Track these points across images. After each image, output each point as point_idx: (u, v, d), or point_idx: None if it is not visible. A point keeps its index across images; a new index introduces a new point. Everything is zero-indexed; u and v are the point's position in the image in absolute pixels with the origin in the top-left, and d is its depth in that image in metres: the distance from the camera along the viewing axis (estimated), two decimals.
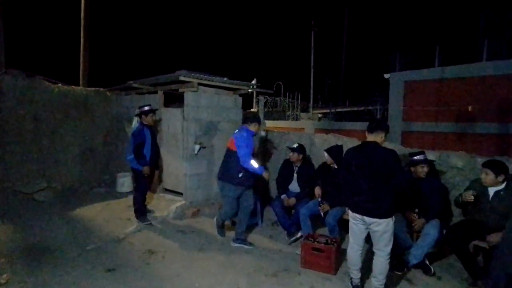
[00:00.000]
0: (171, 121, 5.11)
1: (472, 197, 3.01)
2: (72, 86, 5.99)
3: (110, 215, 4.47)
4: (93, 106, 6.00)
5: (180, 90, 4.89)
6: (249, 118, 3.74)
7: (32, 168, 5.24)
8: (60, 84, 5.77)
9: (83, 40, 8.75)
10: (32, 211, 4.52)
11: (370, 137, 2.73)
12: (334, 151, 3.97)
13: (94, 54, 9.37)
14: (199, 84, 4.79)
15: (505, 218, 2.90)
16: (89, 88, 6.22)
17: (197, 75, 4.68)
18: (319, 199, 3.85)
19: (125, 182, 5.63)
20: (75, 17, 8.92)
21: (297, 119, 18.76)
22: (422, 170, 3.35)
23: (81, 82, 8.63)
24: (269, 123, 12.39)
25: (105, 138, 6.20)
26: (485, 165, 3.03)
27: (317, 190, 3.93)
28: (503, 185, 2.97)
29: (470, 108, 10.39)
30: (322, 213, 3.78)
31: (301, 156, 4.23)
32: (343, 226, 3.91)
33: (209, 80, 4.84)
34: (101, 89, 6.21)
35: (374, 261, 2.74)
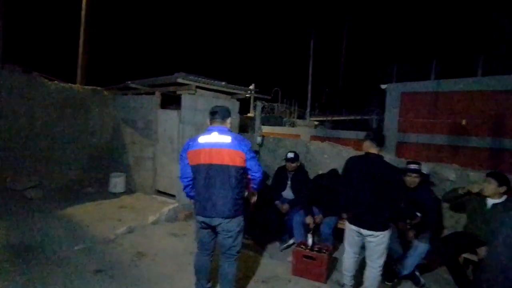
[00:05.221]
0: (167, 123, 5.10)
1: (477, 189, 3.06)
2: (69, 84, 5.95)
3: (101, 216, 4.41)
4: (89, 104, 5.97)
5: (178, 92, 4.89)
6: (219, 112, 2.51)
7: (24, 165, 5.17)
8: (57, 81, 5.73)
9: (82, 38, 8.74)
10: (22, 208, 4.45)
11: (364, 146, 2.75)
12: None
13: (93, 52, 9.35)
14: (197, 87, 4.80)
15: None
16: (86, 87, 6.19)
17: (195, 78, 4.69)
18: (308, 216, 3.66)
19: (118, 183, 5.59)
20: (76, 15, 8.91)
21: (293, 126, 18.84)
22: (414, 180, 3.37)
23: (78, 80, 8.60)
24: (265, 129, 12.43)
25: (100, 138, 6.15)
26: (489, 174, 3.08)
27: (309, 220, 3.64)
28: (502, 199, 3.00)
29: (464, 121, 10.53)
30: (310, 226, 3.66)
31: (296, 164, 4.24)
32: (337, 235, 3.91)
33: (207, 83, 4.86)
34: (98, 88, 6.19)
35: (365, 272, 2.73)
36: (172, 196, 5.01)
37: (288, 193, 4.26)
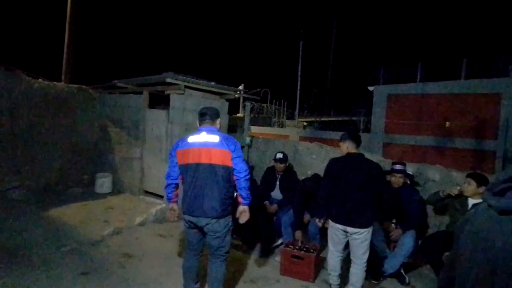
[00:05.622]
0: (155, 123, 5.05)
1: (457, 191, 3.15)
2: (54, 82, 5.81)
3: (87, 216, 4.33)
4: (74, 103, 5.84)
5: (166, 92, 4.84)
6: (208, 114, 2.52)
7: (6, 165, 5.02)
8: (40, 79, 5.59)
9: (67, 35, 8.53)
10: (4, 209, 4.31)
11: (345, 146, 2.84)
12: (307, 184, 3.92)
13: (79, 50, 9.16)
14: (186, 87, 4.76)
15: None
16: (71, 85, 6.05)
17: (184, 77, 4.66)
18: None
19: (104, 183, 5.49)
20: (61, 11, 8.70)
21: (282, 126, 18.92)
22: (398, 181, 3.45)
23: (63, 78, 8.39)
24: (254, 129, 12.44)
25: (86, 137, 6.03)
26: (469, 175, 3.18)
27: (298, 235, 3.63)
28: (482, 199, 3.09)
29: (448, 123, 10.82)
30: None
31: (285, 164, 4.27)
32: (325, 234, 3.96)
33: (196, 84, 4.83)
34: (84, 86, 6.06)
35: (351, 269, 2.79)
36: (160, 197, 4.96)
37: (276, 194, 4.29)
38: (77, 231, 3.84)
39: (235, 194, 2.57)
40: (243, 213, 2.49)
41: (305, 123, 21.34)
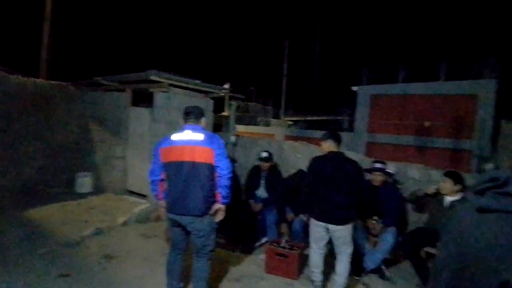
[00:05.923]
0: (139, 121, 4.97)
1: (434, 190, 3.27)
2: (32, 78, 5.61)
3: (67, 217, 4.21)
4: (54, 100, 5.64)
5: (150, 90, 4.77)
6: (193, 112, 2.51)
7: None
8: (17, 75, 5.38)
9: (46, 28, 8.25)
10: None
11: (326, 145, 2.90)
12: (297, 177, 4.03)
13: (58, 45, 8.88)
14: (170, 85, 4.71)
15: None
16: (50, 81, 5.86)
17: (168, 75, 4.60)
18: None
19: (85, 182, 5.35)
20: (39, 4, 8.40)
21: (268, 125, 18.98)
22: (377, 178, 3.54)
23: (42, 75, 8.11)
24: (240, 128, 12.42)
25: (66, 135, 5.86)
26: (446, 174, 3.31)
27: (284, 227, 3.78)
28: (458, 196, 3.22)
29: (427, 123, 11.16)
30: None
31: (270, 163, 4.30)
32: (308, 232, 4.01)
33: (180, 82, 4.78)
34: (64, 83, 5.88)
35: (337, 262, 2.85)
36: (144, 196, 4.89)
37: (261, 192, 4.31)
38: (56, 232, 3.73)
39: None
40: (219, 212, 2.46)
41: (290, 122, 21.50)
